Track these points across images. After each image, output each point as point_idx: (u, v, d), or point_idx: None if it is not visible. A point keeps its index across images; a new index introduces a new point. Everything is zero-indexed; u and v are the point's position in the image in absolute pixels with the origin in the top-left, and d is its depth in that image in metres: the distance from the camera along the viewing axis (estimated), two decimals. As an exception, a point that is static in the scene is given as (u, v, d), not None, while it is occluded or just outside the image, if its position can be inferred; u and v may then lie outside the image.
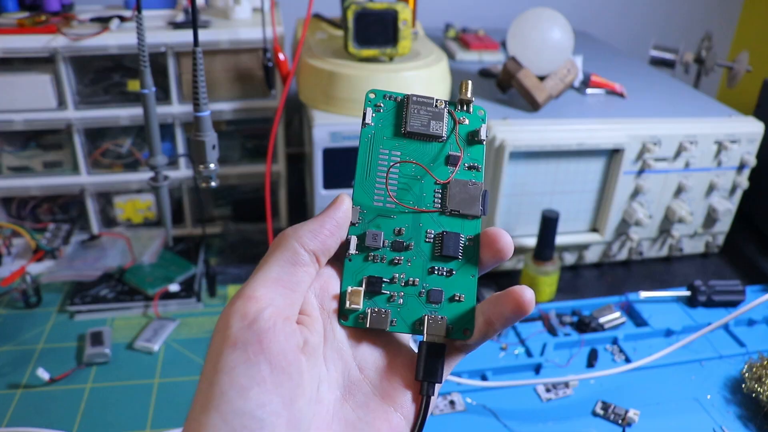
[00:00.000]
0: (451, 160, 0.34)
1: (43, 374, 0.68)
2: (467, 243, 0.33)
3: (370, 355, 0.33)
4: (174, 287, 0.82)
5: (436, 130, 0.34)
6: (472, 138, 0.35)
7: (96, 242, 0.91)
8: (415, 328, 0.32)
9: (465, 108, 0.35)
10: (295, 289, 0.30)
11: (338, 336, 0.32)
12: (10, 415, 0.64)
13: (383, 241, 0.33)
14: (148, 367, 0.72)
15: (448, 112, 0.35)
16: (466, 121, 0.35)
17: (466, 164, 0.34)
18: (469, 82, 0.35)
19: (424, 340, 0.32)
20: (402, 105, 0.35)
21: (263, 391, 0.26)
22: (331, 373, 0.31)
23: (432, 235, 0.33)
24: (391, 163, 0.34)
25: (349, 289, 0.32)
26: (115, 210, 0.95)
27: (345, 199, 0.33)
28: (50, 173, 0.90)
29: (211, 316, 0.80)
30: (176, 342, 0.76)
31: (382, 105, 0.35)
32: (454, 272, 0.33)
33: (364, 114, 0.34)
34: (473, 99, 0.35)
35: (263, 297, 0.28)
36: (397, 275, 0.33)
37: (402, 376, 0.32)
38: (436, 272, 0.33)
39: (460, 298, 0.32)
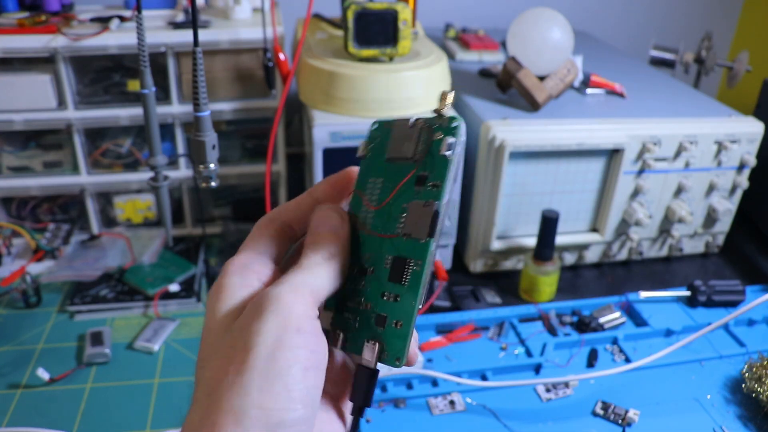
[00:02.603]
0: (418, 181, 0.32)
1: (43, 374, 0.68)
2: (414, 268, 0.31)
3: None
4: (174, 287, 0.82)
5: (407, 151, 0.33)
6: (436, 153, 0.32)
7: (96, 242, 0.91)
8: (358, 349, 0.32)
9: (441, 120, 0.33)
10: None
11: None
12: (10, 415, 0.64)
13: (354, 269, 0.33)
14: (148, 367, 0.72)
15: (420, 130, 0.33)
16: (440, 136, 0.32)
17: (430, 183, 0.32)
18: (450, 93, 0.32)
19: (360, 363, 0.32)
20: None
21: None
22: None
23: (389, 260, 0.32)
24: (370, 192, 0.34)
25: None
26: (115, 210, 0.95)
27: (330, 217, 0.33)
28: (50, 173, 0.90)
29: (211, 316, 0.80)
30: (176, 342, 0.76)
31: (378, 135, 0.35)
32: (398, 298, 0.32)
33: (360, 147, 0.35)
34: (444, 109, 0.32)
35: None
36: (360, 300, 0.33)
37: (348, 390, 0.33)
38: (385, 297, 0.32)
39: (397, 324, 0.31)
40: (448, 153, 0.31)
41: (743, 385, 0.68)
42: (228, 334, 0.29)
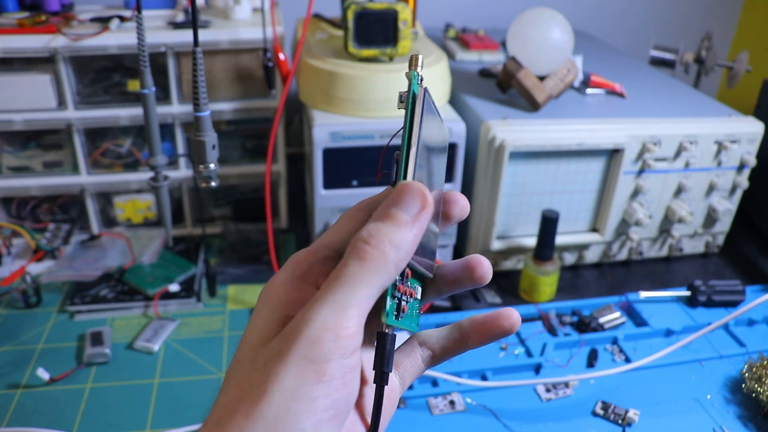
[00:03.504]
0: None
1: (43, 374, 0.68)
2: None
3: None
4: (174, 287, 0.82)
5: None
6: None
7: (96, 242, 0.91)
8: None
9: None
10: None
11: None
12: (10, 415, 0.64)
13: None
14: (148, 367, 0.72)
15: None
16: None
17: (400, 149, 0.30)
18: (418, 56, 0.30)
19: (378, 330, 0.30)
20: None
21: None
22: None
23: None
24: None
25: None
26: (115, 210, 0.95)
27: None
28: (50, 173, 0.90)
29: (211, 316, 0.80)
30: (176, 342, 0.76)
31: None
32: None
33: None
34: (415, 70, 0.30)
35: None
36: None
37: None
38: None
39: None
40: (400, 105, 0.29)
41: (743, 385, 0.68)
42: (255, 362, 0.26)
